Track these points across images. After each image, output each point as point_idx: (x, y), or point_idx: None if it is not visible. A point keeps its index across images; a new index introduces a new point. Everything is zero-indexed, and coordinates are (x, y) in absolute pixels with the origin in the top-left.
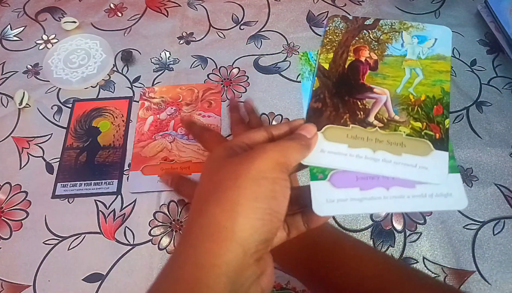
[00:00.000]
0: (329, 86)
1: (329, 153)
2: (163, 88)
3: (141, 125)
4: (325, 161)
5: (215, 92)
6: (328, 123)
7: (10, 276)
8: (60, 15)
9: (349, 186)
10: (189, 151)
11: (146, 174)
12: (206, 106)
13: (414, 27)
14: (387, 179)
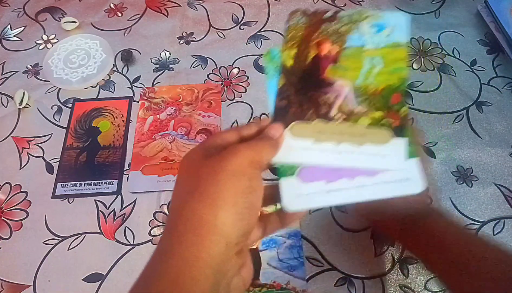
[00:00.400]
0: (294, 83)
1: (296, 150)
2: (163, 88)
3: (141, 125)
4: (292, 157)
5: (215, 92)
6: (294, 120)
7: (10, 276)
8: (60, 15)
9: (316, 179)
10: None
11: (146, 174)
12: (206, 106)
13: (372, 16)
14: (352, 169)
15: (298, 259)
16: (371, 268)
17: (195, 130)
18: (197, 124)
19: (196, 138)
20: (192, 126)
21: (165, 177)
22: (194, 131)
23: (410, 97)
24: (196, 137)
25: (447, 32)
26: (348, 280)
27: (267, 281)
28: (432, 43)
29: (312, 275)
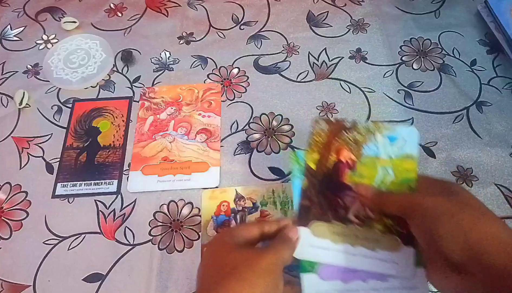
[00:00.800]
0: (316, 185)
1: (316, 248)
2: (163, 88)
3: (141, 126)
4: (313, 255)
5: (215, 92)
6: (315, 220)
7: (10, 276)
8: (60, 15)
9: (333, 278)
10: (189, 150)
11: (146, 174)
12: (206, 106)
13: (386, 128)
14: (365, 272)
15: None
16: None
17: (195, 130)
18: (197, 124)
19: (196, 138)
20: (192, 126)
21: (165, 177)
22: (194, 131)
23: (410, 98)
24: (196, 137)
25: (447, 32)
26: None
27: None
28: (432, 43)
29: None
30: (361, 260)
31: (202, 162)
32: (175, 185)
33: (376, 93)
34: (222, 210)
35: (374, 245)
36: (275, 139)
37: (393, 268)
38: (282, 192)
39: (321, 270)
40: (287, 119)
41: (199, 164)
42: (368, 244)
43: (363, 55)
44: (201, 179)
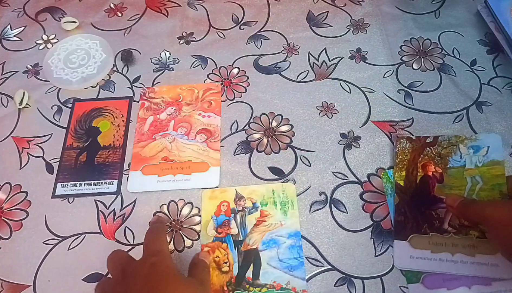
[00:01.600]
0: (407, 201)
1: (416, 259)
2: (163, 88)
3: (141, 125)
4: (415, 265)
5: (215, 92)
6: (412, 233)
7: (10, 276)
8: (60, 15)
9: (438, 286)
10: (189, 150)
11: (146, 174)
12: (206, 106)
13: (468, 139)
14: (468, 278)
15: (298, 259)
16: (371, 268)
17: (195, 130)
18: (197, 124)
19: (196, 138)
20: (192, 126)
21: (165, 177)
22: (194, 131)
23: (410, 98)
24: (196, 137)
25: (447, 32)
26: (348, 280)
27: (267, 281)
28: (432, 43)
29: (312, 275)
30: (463, 266)
31: (202, 162)
32: (175, 185)
33: (376, 93)
34: (222, 210)
35: (473, 250)
36: (275, 139)
37: (495, 271)
38: (282, 192)
39: (425, 280)
40: (287, 119)
41: (199, 164)
42: (467, 250)
43: (363, 55)
44: (201, 179)
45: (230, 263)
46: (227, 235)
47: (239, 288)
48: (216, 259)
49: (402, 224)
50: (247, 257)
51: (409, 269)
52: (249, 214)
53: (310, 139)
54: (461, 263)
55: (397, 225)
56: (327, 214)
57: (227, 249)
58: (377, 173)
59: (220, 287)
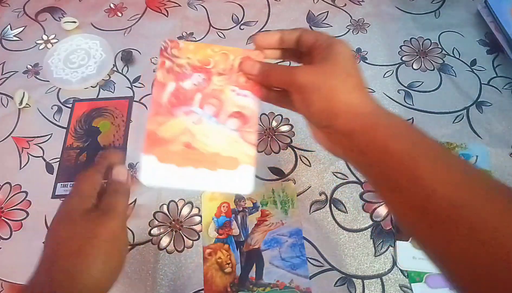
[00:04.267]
0: None
1: (419, 259)
2: (190, 45)
3: (159, 92)
4: (417, 266)
5: None
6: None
7: (10, 276)
8: (60, 15)
9: (441, 286)
10: (217, 139)
11: (162, 161)
12: (243, 81)
13: (459, 146)
14: None
15: (300, 257)
16: (371, 268)
17: (227, 112)
18: (229, 104)
19: (226, 122)
20: (223, 106)
21: (184, 169)
22: (226, 113)
23: (410, 98)
24: (227, 121)
25: (447, 32)
26: (348, 280)
27: (270, 280)
28: (432, 43)
29: (312, 275)
30: None
31: (232, 156)
32: (195, 182)
33: (376, 93)
34: (222, 211)
35: None
36: (275, 139)
37: None
38: (282, 191)
39: (428, 279)
40: (287, 119)
41: (227, 158)
42: None
43: (363, 55)
44: (229, 179)
45: (232, 264)
46: (228, 236)
47: (243, 289)
48: (219, 260)
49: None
50: (250, 257)
51: (412, 270)
52: (250, 214)
53: (310, 139)
54: None
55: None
56: (327, 214)
57: (229, 250)
58: None
59: (223, 288)
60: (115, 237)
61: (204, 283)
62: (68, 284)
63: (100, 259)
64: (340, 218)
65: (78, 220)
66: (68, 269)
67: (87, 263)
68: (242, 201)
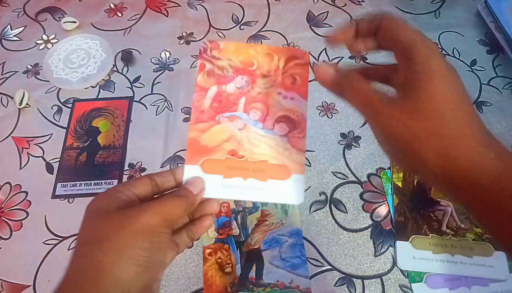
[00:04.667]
0: (406, 202)
1: (419, 259)
2: (230, 45)
3: (201, 98)
4: (417, 266)
5: (302, 63)
6: (413, 234)
7: (10, 276)
8: (60, 15)
9: (441, 286)
10: (265, 146)
11: (207, 172)
12: (289, 82)
13: None
14: (468, 278)
15: (300, 258)
16: (371, 268)
17: (273, 117)
18: (276, 109)
19: (274, 128)
20: (269, 110)
21: (232, 180)
22: (272, 118)
23: None
24: (274, 126)
25: (447, 32)
26: (348, 280)
27: (270, 280)
28: None
29: (312, 275)
30: (462, 267)
31: (282, 164)
32: (244, 193)
33: None
34: (222, 211)
35: (470, 252)
36: None
37: (491, 272)
38: None
39: (428, 279)
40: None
41: (277, 167)
42: (465, 252)
43: (363, 55)
44: (280, 190)
45: (232, 264)
46: (228, 236)
47: (243, 289)
48: (219, 260)
49: (403, 225)
50: (250, 257)
51: (412, 270)
52: (250, 214)
53: (310, 139)
54: (460, 264)
55: (398, 225)
56: (327, 214)
57: (229, 250)
58: (377, 173)
59: (223, 288)
60: (148, 231)
61: (204, 283)
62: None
63: (128, 253)
64: (340, 218)
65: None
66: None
67: (115, 256)
68: (242, 201)
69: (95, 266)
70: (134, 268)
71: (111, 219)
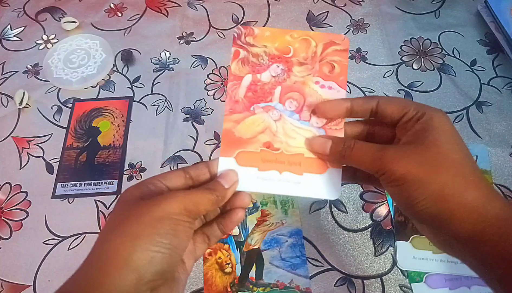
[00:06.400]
0: None
1: (419, 259)
2: (266, 31)
3: (235, 87)
4: (417, 266)
5: (341, 49)
6: (413, 234)
7: (10, 276)
8: (60, 15)
9: (441, 286)
10: (300, 138)
11: (242, 164)
12: (327, 70)
13: None
14: (468, 278)
15: (300, 257)
16: (371, 268)
17: (310, 107)
18: (313, 99)
19: (310, 119)
20: (306, 100)
21: (267, 173)
22: (309, 109)
23: (410, 98)
24: (310, 118)
25: (447, 32)
26: (348, 280)
27: (270, 280)
28: (432, 43)
29: (312, 275)
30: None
31: (317, 158)
32: (279, 187)
33: (376, 93)
34: None
35: None
36: None
37: None
38: None
39: (428, 279)
40: None
41: (313, 160)
42: None
43: (363, 55)
44: (315, 184)
45: (232, 264)
46: (228, 236)
47: (243, 289)
48: (219, 260)
49: (403, 225)
50: (250, 257)
51: (412, 270)
52: (250, 214)
53: None
54: (460, 264)
55: (398, 225)
56: (327, 214)
57: (229, 250)
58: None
59: (223, 288)
60: (166, 218)
61: (204, 283)
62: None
63: (143, 238)
64: (340, 218)
65: (140, 202)
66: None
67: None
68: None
69: (110, 252)
70: (148, 254)
71: (134, 207)
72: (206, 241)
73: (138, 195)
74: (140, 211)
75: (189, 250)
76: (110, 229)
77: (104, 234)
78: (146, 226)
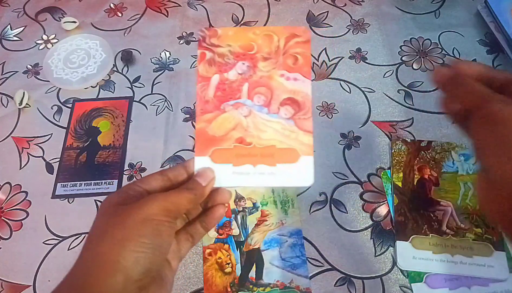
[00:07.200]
0: (406, 202)
1: (419, 259)
2: (229, 31)
3: (204, 88)
4: (417, 266)
5: (303, 41)
6: (413, 234)
7: (10, 276)
8: (60, 15)
9: (441, 286)
10: (271, 130)
11: (217, 162)
12: (291, 62)
13: (458, 146)
14: (468, 278)
15: (300, 257)
16: (371, 268)
17: (278, 100)
18: (280, 91)
19: (279, 112)
20: (273, 94)
21: (242, 168)
22: (277, 101)
23: (410, 98)
24: (279, 110)
25: (447, 32)
26: (348, 280)
27: (270, 280)
28: (432, 43)
29: (312, 275)
30: (462, 267)
31: (289, 148)
32: (255, 180)
33: (376, 93)
34: None
35: (470, 252)
36: None
37: (491, 272)
38: (282, 191)
39: (428, 279)
40: None
41: (285, 150)
42: (465, 252)
43: (363, 55)
44: (289, 173)
45: (232, 264)
46: (228, 236)
47: (243, 289)
48: (219, 260)
49: (403, 225)
50: (250, 257)
51: (412, 270)
52: (250, 214)
53: None
54: (460, 264)
55: (398, 225)
56: (327, 214)
57: (229, 250)
58: (377, 173)
59: (223, 288)
60: (150, 220)
61: (204, 283)
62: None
63: (130, 242)
64: (340, 218)
65: (117, 208)
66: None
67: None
68: (242, 201)
69: (100, 257)
70: (134, 255)
71: (117, 213)
72: (190, 240)
73: (119, 201)
74: (123, 216)
75: (173, 250)
76: (96, 235)
77: (92, 240)
78: (131, 229)
